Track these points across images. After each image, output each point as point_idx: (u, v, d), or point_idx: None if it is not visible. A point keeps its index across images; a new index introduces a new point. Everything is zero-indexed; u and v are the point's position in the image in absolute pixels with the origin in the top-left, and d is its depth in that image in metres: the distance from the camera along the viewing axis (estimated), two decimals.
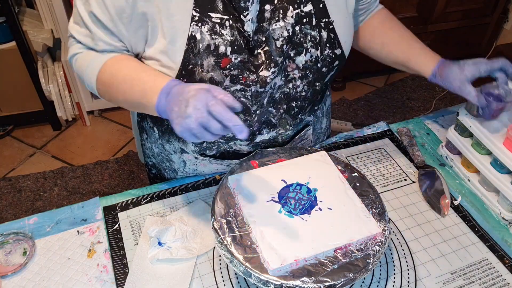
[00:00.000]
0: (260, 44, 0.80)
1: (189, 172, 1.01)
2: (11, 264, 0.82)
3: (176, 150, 0.98)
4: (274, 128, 0.93)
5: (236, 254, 0.70)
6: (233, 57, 0.78)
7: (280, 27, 0.79)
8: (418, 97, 2.69)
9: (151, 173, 1.13)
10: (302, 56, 0.83)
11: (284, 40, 0.80)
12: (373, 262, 0.71)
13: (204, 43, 0.76)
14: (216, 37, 0.76)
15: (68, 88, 2.30)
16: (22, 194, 2.04)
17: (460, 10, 2.61)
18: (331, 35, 0.84)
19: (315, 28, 0.82)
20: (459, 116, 0.98)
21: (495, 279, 0.81)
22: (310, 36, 0.82)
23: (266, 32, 0.79)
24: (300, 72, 0.85)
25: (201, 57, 0.77)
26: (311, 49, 0.83)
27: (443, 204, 0.94)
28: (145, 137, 1.05)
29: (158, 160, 1.06)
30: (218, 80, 0.79)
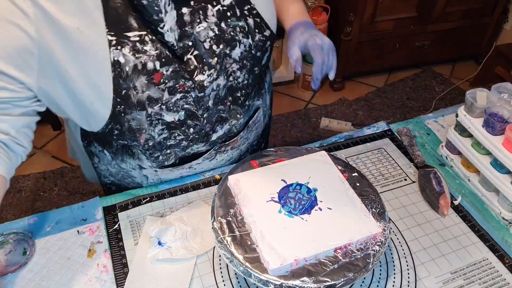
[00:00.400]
0: (188, 50, 0.77)
1: (153, 182, 0.99)
2: (11, 264, 0.82)
3: (134, 167, 0.95)
4: (226, 122, 0.91)
5: (236, 254, 0.70)
6: (164, 69, 0.75)
7: (204, 28, 0.77)
8: (418, 97, 2.69)
9: (111, 190, 1.08)
10: (237, 49, 0.82)
11: (212, 40, 0.78)
12: (373, 262, 0.71)
13: (130, 65, 0.72)
14: (140, 55, 0.72)
15: None
16: (22, 194, 2.04)
17: (460, 10, 2.61)
18: (257, 19, 0.84)
19: (241, 18, 0.81)
20: (458, 117, 0.98)
21: (495, 279, 0.81)
22: (239, 27, 0.81)
23: (191, 36, 0.77)
24: (238, 64, 0.84)
25: (131, 79, 0.73)
26: (243, 39, 0.82)
27: (443, 204, 0.94)
28: (97, 161, 1.00)
29: (119, 178, 1.01)
30: (156, 97, 0.76)
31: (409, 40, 2.67)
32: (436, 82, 2.81)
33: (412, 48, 2.72)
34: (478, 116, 0.94)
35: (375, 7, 2.42)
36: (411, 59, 2.81)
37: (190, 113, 0.83)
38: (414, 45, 2.70)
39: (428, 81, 2.82)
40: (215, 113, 0.88)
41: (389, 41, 2.62)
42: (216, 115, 0.88)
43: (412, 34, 2.64)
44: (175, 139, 0.87)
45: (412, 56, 2.77)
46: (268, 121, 1.13)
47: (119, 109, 0.76)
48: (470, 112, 0.95)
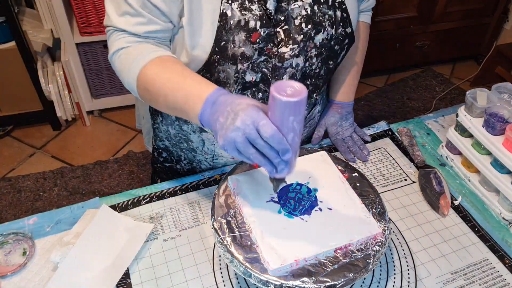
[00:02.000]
0: (279, 23, 0.83)
1: (207, 152, 1.02)
2: (11, 264, 0.82)
3: (195, 130, 0.99)
4: None
5: (236, 254, 0.70)
6: (262, 30, 0.81)
7: (299, 6, 0.83)
8: (418, 97, 2.69)
9: (161, 157, 1.13)
10: (321, 34, 0.86)
11: (303, 18, 0.83)
12: (373, 262, 0.71)
13: (235, 19, 0.79)
14: (245, 12, 0.79)
15: (68, 88, 2.29)
16: (22, 194, 2.04)
17: (460, 10, 2.61)
18: (344, 14, 0.88)
19: (331, 8, 0.86)
20: (458, 117, 0.98)
21: (495, 279, 0.81)
22: (328, 15, 0.86)
23: (285, 12, 0.82)
24: (317, 50, 0.88)
25: (232, 33, 0.79)
26: (328, 28, 0.87)
27: (443, 204, 0.94)
28: (160, 120, 1.04)
29: (175, 141, 1.06)
30: (248, 55, 0.81)
31: (409, 40, 2.67)
32: (436, 82, 2.81)
33: (412, 48, 2.72)
34: (478, 116, 0.94)
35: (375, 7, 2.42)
36: (411, 59, 2.81)
37: (265, 78, 0.87)
38: (414, 45, 2.70)
39: (428, 81, 2.82)
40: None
41: (389, 41, 2.61)
42: None
43: (412, 34, 2.63)
44: None
45: (412, 56, 2.77)
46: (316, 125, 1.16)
47: (214, 58, 0.82)
48: (470, 112, 0.95)
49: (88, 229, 0.83)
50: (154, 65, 0.79)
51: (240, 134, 0.63)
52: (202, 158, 1.04)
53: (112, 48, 0.83)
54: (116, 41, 0.83)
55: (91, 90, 2.39)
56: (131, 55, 0.81)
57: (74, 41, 2.16)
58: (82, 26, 2.12)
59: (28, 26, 2.17)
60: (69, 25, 2.10)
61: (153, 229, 0.88)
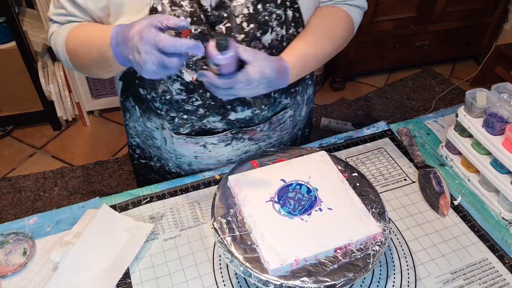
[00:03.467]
0: (221, 20, 0.81)
1: (170, 151, 1.02)
2: (11, 264, 0.82)
3: (157, 126, 0.99)
4: (249, 107, 0.92)
5: (236, 254, 0.70)
6: (193, 27, 0.79)
7: (241, 4, 0.81)
8: (418, 97, 2.69)
9: (135, 153, 1.14)
10: (268, 35, 0.84)
11: (244, 17, 0.81)
12: (373, 262, 0.71)
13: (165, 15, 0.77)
14: (176, 8, 0.78)
15: (68, 88, 2.29)
16: (22, 194, 2.04)
17: (460, 10, 2.61)
18: (296, 14, 0.85)
19: (280, 7, 0.83)
20: (458, 117, 0.98)
21: (495, 279, 0.81)
22: (276, 14, 0.83)
23: (228, 9, 0.81)
24: (267, 51, 0.85)
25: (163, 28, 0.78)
26: (277, 28, 0.84)
27: (443, 204, 0.94)
28: (128, 117, 1.06)
29: (142, 138, 1.07)
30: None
31: (409, 40, 2.67)
32: (436, 82, 2.81)
33: (412, 48, 2.72)
34: (478, 116, 0.94)
35: (375, 7, 2.42)
36: (411, 59, 2.81)
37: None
38: (414, 45, 2.70)
39: (428, 81, 2.82)
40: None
41: (389, 41, 2.61)
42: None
43: (412, 34, 2.63)
44: (192, 104, 0.90)
45: (412, 56, 2.77)
46: (298, 134, 1.12)
47: None
48: (470, 112, 0.95)
49: (88, 229, 0.84)
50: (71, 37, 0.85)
51: (151, 64, 0.67)
52: (168, 157, 1.05)
53: (48, 34, 0.91)
54: (50, 28, 0.91)
55: (91, 90, 2.39)
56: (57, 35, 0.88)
57: None
58: None
59: (28, 26, 2.17)
60: None
61: (153, 229, 0.88)
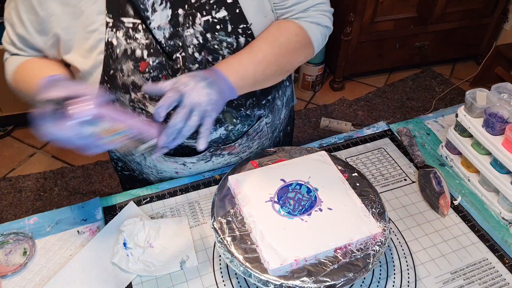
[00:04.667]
0: (177, 49, 0.79)
1: (151, 166, 1.01)
2: (11, 264, 0.82)
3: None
4: (222, 124, 0.90)
5: (236, 254, 0.70)
6: (151, 60, 0.78)
7: (191, 34, 0.79)
8: (418, 97, 2.69)
9: (118, 166, 1.13)
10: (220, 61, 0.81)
11: (195, 47, 0.79)
12: (373, 262, 0.71)
13: (121, 48, 0.76)
14: (131, 41, 0.76)
15: None
16: (22, 194, 2.04)
17: (460, 10, 2.61)
18: (249, 39, 0.82)
19: (231, 35, 0.80)
20: (458, 117, 0.98)
21: (495, 279, 0.81)
22: (226, 42, 0.80)
23: (181, 38, 0.79)
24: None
25: (119, 62, 0.77)
26: (227, 56, 0.81)
27: (443, 204, 0.94)
28: None
29: (122, 153, 1.06)
30: (140, 84, 0.79)
31: (409, 40, 2.67)
32: (436, 82, 2.81)
33: (412, 48, 2.72)
34: (478, 116, 0.94)
35: (375, 7, 2.42)
36: (411, 59, 2.81)
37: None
38: (414, 45, 2.70)
39: (428, 81, 2.82)
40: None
41: (389, 41, 2.61)
42: None
43: (412, 34, 2.63)
44: None
45: (412, 56, 2.77)
46: (280, 136, 1.11)
47: (106, 86, 0.80)
48: (470, 112, 0.95)
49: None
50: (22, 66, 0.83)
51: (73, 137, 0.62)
52: (148, 171, 1.03)
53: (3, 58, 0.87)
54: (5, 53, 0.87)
55: None
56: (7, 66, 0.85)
57: None
58: None
59: None
60: None
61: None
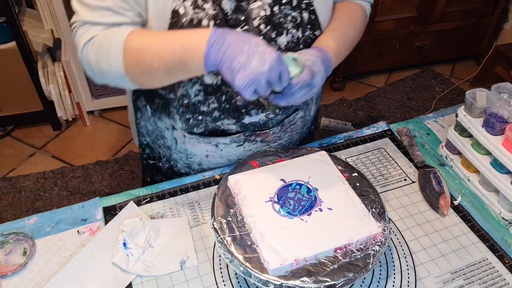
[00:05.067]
0: (239, 23, 0.81)
1: (181, 151, 1.02)
2: (11, 264, 0.82)
3: (168, 127, 0.99)
4: (263, 110, 0.92)
5: (236, 254, 0.70)
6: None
7: (258, 6, 0.80)
8: (418, 97, 2.69)
9: (145, 153, 1.14)
10: (284, 36, 0.84)
11: (262, 19, 0.81)
12: (373, 262, 0.71)
13: (188, 17, 0.77)
14: (198, 11, 0.77)
15: (68, 88, 2.29)
16: (22, 194, 2.04)
17: (460, 10, 2.61)
18: (312, 16, 0.85)
19: (296, 9, 0.83)
20: (458, 117, 0.98)
21: (495, 279, 0.81)
22: (291, 17, 0.83)
23: (245, 12, 0.80)
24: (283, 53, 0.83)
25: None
26: (292, 30, 0.84)
27: (443, 204, 0.94)
28: (139, 116, 1.06)
29: (153, 138, 1.07)
30: None
31: (409, 40, 2.66)
32: (436, 82, 2.81)
33: (412, 48, 2.72)
34: (478, 116, 0.94)
35: (375, 7, 2.42)
36: (411, 59, 2.81)
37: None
38: (414, 45, 2.70)
39: (428, 81, 2.81)
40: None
41: (389, 41, 2.61)
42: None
43: (412, 34, 2.63)
44: (208, 106, 0.89)
45: (412, 56, 2.77)
46: (306, 133, 1.12)
47: None
48: (470, 112, 0.95)
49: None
50: (136, 34, 0.77)
51: (265, 77, 0.68)
52: (177, 157, 1.05)
53: (81, 42, 0.80)
54: (84, 33, 0.80)
55: (91, 90, 2.39)
56: (106, 38, 0.78)
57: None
58: None
59: (28, 26, 2.17)
60: (69, 25, 2.10)
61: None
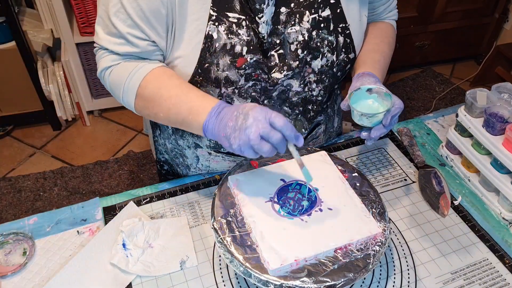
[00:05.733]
0: (274, 46, 0.81)
1: (201, 168, 1.02)
2: (11, 264, 0.82)
3: (190, 145, 0.99)
4: None
5: (236, 254, 0.70)
6: (249, 57, 0.78)
7: (296, 31, 0.80)
8: (418, 97, 2.69)
9: (163, 169, 1.14)
10: (318, 60, 0.84)
11: (299, 44, 0.81)
12: (373, 262, 0.71)
13: (221, 42, 0.77)
14: (232, 36, 0.77)
15: (68, 88, 2.29)
16: (22, 194, 2.04)
17: (460, 10, 2.61)
18: (347, 40, 0.85)
19: (333, 33, 0.83)
20: (458, 117, 0.98)
21: (495, 279, 0.81)
22: (328, 41, 0.83)
23: (281, 35, 0.80)
24: (316, 76, 0.85)
25: (217, 56, 0.78)
26: (328, 54, 0.84)
27: (443, 204, 0.94)
28: (158, 133, 1.05)
29: (172, 156, 1.06)
30: (233, 79, 0.80)
31: (409, 40, 2.67)
32: (436, 82, 2.81)
33: (412, 48, 2.72)
34: (478, 116, 0.94)
35: None
36: (411, 59, 2.81)
37: (254, 101, 0.84)
38: (414, 45, 2.70)
39: (428, 81, 2.81)
40: (278, 108, 0.88)
41: None
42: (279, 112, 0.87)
43: (412, 34, 2.63)
44: None
45: (412, 56, 2.77)
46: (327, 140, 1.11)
47: (197, 79, 0.81)
48: (470, 112, 0.95)
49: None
50: (151, 81, 0.79)
51: (253, 131, 0.66)
52: (196, 172, 1.04)
53: (100, 66, 0.83)
54: (102, 59, 0.83)
55: (91, 90, 2.39)
56: (124, 72, 0.80)
57: (74, 41, 2.15)
58: (82, 26, 2.12)
59: (28, 26, 2.17)
60: (69, 25, 2.10)
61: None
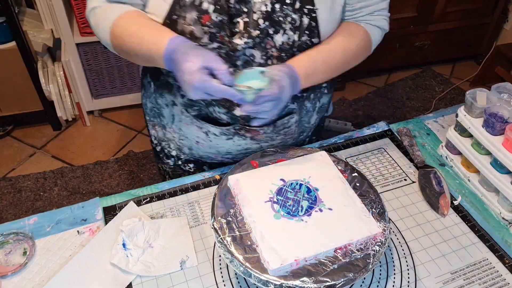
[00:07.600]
0: (240, 14, 0.83)
1: (175, 130, 1.03)
2: (11, 264, 0.82)
3: (168, 103, 1.01)
4: None
5: (236, 254, 0.70)
6: (214, 15, 0.81)
7: (261, 1, 0.82)
8: (418, 97, 2.69)
9: (156, 150, 1.15)
10: (280, 35, 0.85)
11: (262, 14, 0.82)
12: (373, 262, 0.71)
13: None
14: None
15: (68, 88, 2.29)
16: (22, 194, 2.04)
17: (460, 10, 2.61)
18: (313, 23, 0.86)
19: (297, 12, 0.84)
20: (458, 117, 0.98)
21: (495, 279, 0.81)
22: (291, 18, 0.84)
23: (248, 4, 0.82)
24: (278, 52, 0.86)
25: (185, 9, 0.81)
26: (289, 32, 0.85)
27: (443, 204, 0.94)
28: (143, 93, 1.08)
29: (150, 116, 1.09)
30: (197, 35, 0.82)
31: (409, 40, 2.67)
32: (436, 82, 2.81)
33: (412, 48, 2.72)
34: (478, 116, 0.94)
35: None
36: (411, 59, 2.81)
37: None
38: (414, 45, 2.70)
39: (428, 81, 2.81)
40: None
41: (389, 41, 2.61)
42: None
43: (412, 34, 2.63)
44: None
45: (412, 56, 2.77)
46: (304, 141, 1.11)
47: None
48: (470, 112, 0.95)
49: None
50: (123, 19, 0.85)
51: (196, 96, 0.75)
52: (171, 137, 1.06)
53: (88, 6, 0.89)
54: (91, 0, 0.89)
55: (91, 90, 2.39)
56: (103, 13, 0.87)
57: (74, 41, 2.15)
58: (82, 26, 2.12)
59: (28, 26, 2.17)
60: (69, 25, 2.10)
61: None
